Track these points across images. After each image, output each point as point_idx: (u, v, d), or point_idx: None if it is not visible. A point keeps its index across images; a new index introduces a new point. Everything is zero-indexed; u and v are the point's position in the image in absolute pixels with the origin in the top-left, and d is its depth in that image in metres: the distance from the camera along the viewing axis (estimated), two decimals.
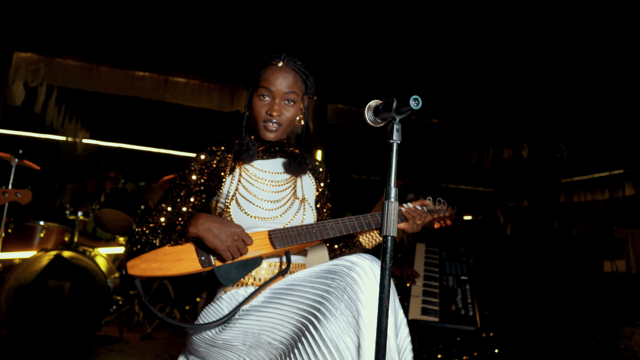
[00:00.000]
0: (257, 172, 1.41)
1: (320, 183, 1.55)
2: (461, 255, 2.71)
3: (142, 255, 1.27)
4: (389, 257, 0.84)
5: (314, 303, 1.04)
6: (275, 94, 1.35)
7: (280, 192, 1.40)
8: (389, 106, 0.91)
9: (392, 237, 0.86)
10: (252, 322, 1.15)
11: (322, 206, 1.55)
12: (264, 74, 1.36)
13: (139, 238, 1.30)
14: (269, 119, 1.35)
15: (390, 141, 0.90)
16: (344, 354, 0.96)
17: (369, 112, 0.98)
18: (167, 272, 1.24)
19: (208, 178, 1.39)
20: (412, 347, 1.11)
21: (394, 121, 0.91)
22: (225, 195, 1.38)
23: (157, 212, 1.36)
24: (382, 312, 0.84)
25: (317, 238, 1.33)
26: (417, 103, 0.87)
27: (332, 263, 1.12)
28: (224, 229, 1.23)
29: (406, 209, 1.49)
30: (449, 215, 1.63)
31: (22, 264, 2.93)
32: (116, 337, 3.29)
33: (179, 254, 1.27)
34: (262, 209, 1.35)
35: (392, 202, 0.86)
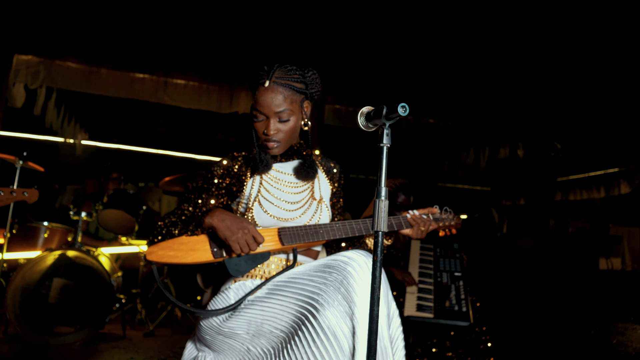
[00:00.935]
0: (278, 175, 1.50)
1: (335, 183, 1.63)
2: (455, 251, 2.79)
3: (160, 243, 1.36)
4: (380, 251, 0.93)
5: (312, 295, 1.13)
6: (267, 114, 1.39)
7: (300, 193, 1.49)
8: (379, 113, 0.99)
9: (383, 232, 0.94)
10: (256, 312, 1.24)
11: (333, 204, 1.63)
12: (255, 95, 1.41)
13: (160, 230, 1.40)
14: (267, 139, 1.41)
15: (380, 144, 0.98)
16: (340, 340, 1.05)
17: (362, 117, 1.06)
18: (181, 260, 1.33)
19: (230, 182, 1.48)
20: (403, 337, 1.20)
21: (384, 126, 1.00)
22: (247, 198, 1.46)
23: (180, 211, 1.46)
24: (373, 301, 0.92)
25: (324, 238, 1.42)
26: (405, 110, 0.95)
27: (330, 258, 1.21)
28: (237, 222, 1.31)
29: (412, 215, 1.56)
30: (454, 224, 1.69)
31: (28, 263, 3.00)
32: (119, 335, 3.37)
33: (194, 244, 1.36)
34: (283, 210, 1.44)
35: (383, 200, 0.95)
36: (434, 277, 2.56)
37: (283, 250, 1.42)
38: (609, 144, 7.30)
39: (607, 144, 7.30)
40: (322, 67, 5.16)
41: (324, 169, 1.62)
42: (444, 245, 2.84)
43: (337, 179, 1.64)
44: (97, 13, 4.65)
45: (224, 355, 1.29)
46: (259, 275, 1.41)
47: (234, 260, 1.35)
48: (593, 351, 3.97)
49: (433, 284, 2.51)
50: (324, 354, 1.04)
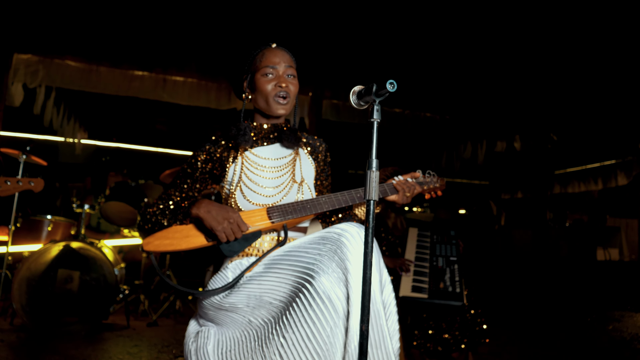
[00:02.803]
0: (258, 160, 1.54)
1: (320, 162, 1.68)
2: (451, 238, 2.85)
3: (155, 233, 1.43)
4: (371, 218, 0.99)
5: (308, 265, 1.19)
6: (278, 69, 1.51)
7: (280, 177, 1.54)
8: (369, 90, 1.06)
9: (375, 200, 1.00)
10: (255, 287, 1.30)
11: (322, 183, 1.68)
12: (263, 56, 1.52)
13: (150, 217, 1.46)
14: (279, 91, 1.50)
15: (371, 120, 1.05)
16: (335, 304, 1.11)
17: (353, 96, 1.13)
18: (178, 247, 1.39)
19: (212, 166, 1.54)
20: (396, 303, 1.26)
21: (374, 103, 1.06)
22: (229, 182, 1.52)
23: (166, 196, 1.52)
24: (366, 264, 0.99)
25: (312, 212, 1.47)
26: (393, 86, 1.01)
27: (324, 231, 1.27)
28: (222, 212, 1.38)
29: (397, 181, 1.62)
30: (439, 186, 1.73)
31: (33, 254, 3.07)
32: (123, 325, 3.43)
33: (188, 232, 1.43)
34: (263, 196, 1.49)
35: (374, 171, 1.01)
36: (430, 261, 2.63)
37: (274, 228, 1.48)
38: (605, 136, 7.34)
39: (604, 136, 7.34)
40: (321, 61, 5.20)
41: (307, 150, 1.66)
42: (441, 232, 2.91)
43: (323, 157, 1.69)
44: (95, 11, 4.68)
45: (226, 327, 1.35)
46: (254, 254, 1.48)
47: (226, 242, 1.41)
48: (589, 336, 4.05)
49: (429, 268, 2.58)
50: (319, 317, 1.10)
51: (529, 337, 3.87)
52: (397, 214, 3.06)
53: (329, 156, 1.72)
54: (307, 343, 1.11)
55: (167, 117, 7.68)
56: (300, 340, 1.12)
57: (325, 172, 1.70)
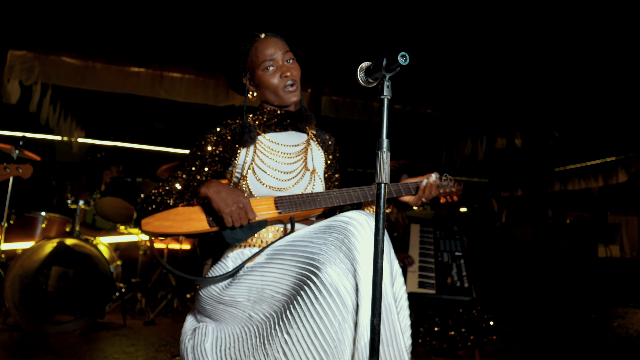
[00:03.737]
0: (271, 145, 1.49)
1: (329, 155, 1.63)
2: (455, 233, 2.78)
3: (155, 214, 1.35)
4: (382, 202, 0.91)
5: (313, 255, 1.11)
6: (277, 59, 1.45)
7: (293, 164, 1.48)
8: (379, 65, 0.98)
9: (385, 183, 0.92)
10: (256, 278, 1.22)
11: (330, 177, 1.62)
12: (256, 50, 1.46)
13: (155, 198, 1.39)
14: (286, 81, 1.45)
15: (381, 97, 0.97)
16: (343, 296, 1.03)
17: (361, 73, 1.05)
18: (178, 229, 1.32)
19: (223, 149, 1.47)
20: (407, 297, 1.18)
21: (384, 79, 0.98)
22: (240, 166, 1.46)
23: (173, 178, 1.45)
24: (377, 253, 0.91)
25: (321, 206, 1.40)
26: (405, 59, 0.94)
27: (330, 220, 1.19)
28: (232, 195, 1.31)
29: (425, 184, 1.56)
30: (455, 190, 1.67)
31: (26, 252, 2.98)
32: (120, 324, 3.35)
33: (190, 214, 1.35)
34: (277, 180, 1.43)
35: (384, 152, 0.93)
36: (435, 257, 2.56)
37: (280, 219, 1.40)
38: (605, 132, 7.29)
39: (604, 132, 7.30)
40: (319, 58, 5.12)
41: (317, 141, 1.61)
42: (444, 228, 2.84)
43: (332, 151, 1.64)
44: (90, 6, 4.61)
45: (225, 323, 1.27)
46: (257, 244, 1.40)
47: (230, 229, 1.34)
48: (595, 333, 3.98)
49: (434, 263, 2.50)
50: (327, 311, 1.02)
51: (534, 333, 3.80)
52: (399, 209, 2.99)
53: (338, 151, 1.67)
54: (314, 339, 1.03)
55: (164, 115, 7.60)
56: (306, 337, 1.03)
57: (334, 167, 1.65)
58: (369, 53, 5.35)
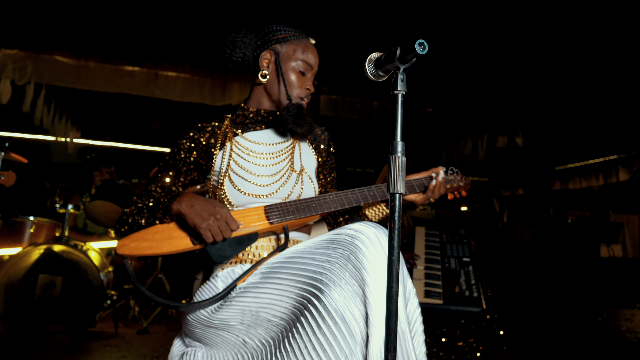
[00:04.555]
0: (250, 145, 1.34)
1: (322, 152, 1.48)
2: (462, 237, 2.66)
3: (131, 234, 1.20)
4: (397, 216, 0.78)
5: (315, 275, 0.98)
6: (313, 71, 1.37)
7: (276, 164, 1.33)
8: (391, 55, 0.85)
9: (400, 194, 0.79)
10: (250, 300, 1.08)
11: (325, 176, 1.48)
12: (304, 49, 1.35)
13: (126, 219, 1.25)
14: (307, 94, 1.35)
15: (395, 92, 0.84)
16: (350, 325, 0.90)
17: (370, 65, 0.91)
18: (157, 250, 1.18)
19: (198, 156, 1.33)
20: (422, 320, 1.05)
21: (398, 71, 0.85)
22: (217, 173, 1.31)
23: (146, 192, 1.32)
24: (392, 276, 0.77)
25: (317, 212, 1.26)
26: (423, 48, 0.80)
27: (333, 233, 1.05)
28: (207, 206, 1.16)
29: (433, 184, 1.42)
30: (463, 185, 1.55)
31: (12, 259, 2.84)
32: (111, 333, 3.21)
33: (170, 232, 1.21)
34: (257, 185, 1.28)
35: (400, 157, 0.80)
36: (442, 262, 2.43)
37: (273, 230, 1.26)
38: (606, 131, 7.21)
39: (605, 131, 7.21)
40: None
41: (308, 139, 1.47)
42: (450, 231, 2.71)
43: (326, 147, 1.49)
44: (83, 3, 4.48)
45: (217, 348, 1.13)
46: (249, 260, 1.26)
47: (217, 245, 1.19)
48: (604, 338, 3.86)
49: (441, 270, 2.37)
50: (331, 342, 0.88)
51: (542, 339, 3.68)
52: (404, 212, 2.86)
53: (332, 146, 1.50)
54: None
55: (161, 115, 7.48)
56: None
57: (329, 165, 1.48)
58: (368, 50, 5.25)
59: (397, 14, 4.37)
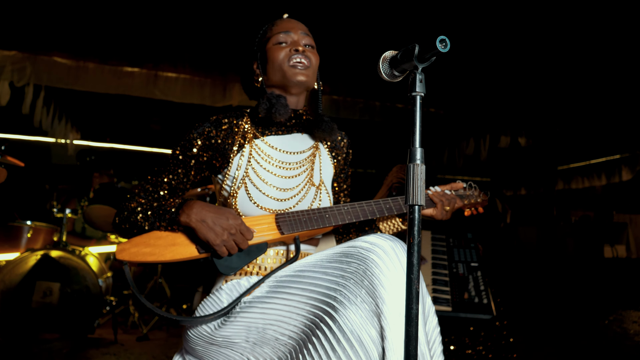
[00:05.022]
0: (270, 151, 1.24)
1: (340, 160, 1.39)
2: (469, 241, 2.59)
3: (133, 238, 1.14)
4: (416, 231, 0.71)
5: (328, 291, 0.91)
6: (293, 35, 1.24)
7: (295, 177, 1.24)
8: (409, 54, 0.78)
9: (420, 206, 0.72)
10: (256, 316, 1.01)
11: (339, 184, 1.40)
12: (274, 26, 1.26)
13: (128, 215, 1.16)
14: (294, 55, 1.21)
15: (413, 94, 0.77)
16: (368, 347, 0.83)
17: (384, 64, 0.84)
18: (160, 257, 1.11)
19: (212, 156, 1.23)
20: (441, 339, 0.98)
21: (416, 70, 0.78)
22: (232, 179, 1.22)
23: (151, 186, 1.22)
24: (411, 297, 0.71)
25: (331, 224, 1.18)
26: (445, 45, 0.73)
27: (346, 245, 0.98)
28: (220, 220, 1.08)
29: (433, 192, 1.33)
30: (481, 201, 1.46)
31: (8, 265, 2.78)
32: (110, 340, 3.14)
33: (174, 238, 1.13)
34: (273, 199, 1.20)
35: (419, 165, 0.73)
36: (449, 268, 2.36)
37: (283, 240, 1.19)
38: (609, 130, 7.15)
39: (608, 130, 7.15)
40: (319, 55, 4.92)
41: (327, 145, 1.37)
42: (457, 235, 2.64)
43: (344, 155, 1.40)
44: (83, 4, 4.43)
45: None
46: (255, 271, 1.18)
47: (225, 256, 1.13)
48: (613, 342, 3.79)
49: (448, 275, 2.30)
50: None
51: (550, 343, 3.61)
52: None
53: (350, 154, 1.41)
54: None
55: (161, 116, 7.42)
56: None
57: (345, 173, 1.40)
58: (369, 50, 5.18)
59: (397, 14, 4.31)
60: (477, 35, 4.60)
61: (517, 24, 4.35)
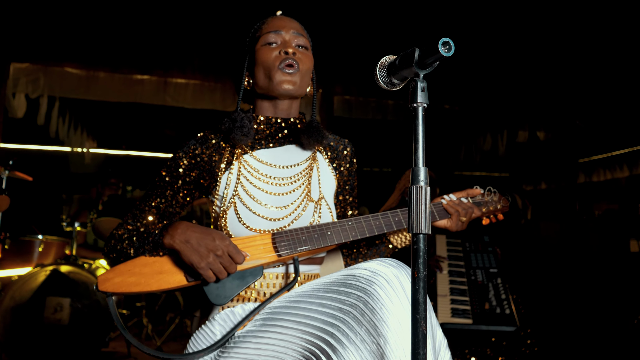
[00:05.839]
0: (261, 167, 1.15)
1: (343, 171, 1.27)
2: (486, 245, 2.47)
3: (116, 267, 1.06)
4: (422, 263, 0.62)
5: (325, 326, 0.82)
6: (284, 35, 1.15)
7: (291, 192, 1.15)
8: (408, 59, 0.68)
9: (426, 234, 0.63)
10: (250, 352, 0.93)
11: (345, 198, 1.29)
12: (265, 24, 1.17)
13: (115, 244, 1.10)
14: (284, 58, 1.12)
15: (414, 105, 0.67)
16: None
17: (382, 71, 0.75)
18: (145, 287, 1.03)
19: (199, 174, 1.16)
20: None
21: (417, 78, 0.68)
22: (221, 198, 1.14)
23: (139, 211, 1.16)
24: (417, 340, 0.61)
25: (333, 242, 1.09)
26: (449, 48, 0.64)
27: (345, 272, 0.89)
28: (205, 240, 0.99)
29: (447, 201, 1.21)
30: (501, 207, 1.33)
31: (18, 281, 2.76)
32: (124, 353, 3.12)
33: (161, 265, 1.05)
34: (266, 219, 1.11)
35: (423, 187, 0.63)
36: (467, 275, 2.25)
37: (281, 262, 1.10)
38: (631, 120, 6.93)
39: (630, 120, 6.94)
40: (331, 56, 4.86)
41: (327, 154, 1.26)
42: (473, 239, 2.52)
43: (348, 166, 1.28)
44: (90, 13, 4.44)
45: None
46: (252, 297, 1.10)
47: (215, 283, 1.04)
48: None
49: (467, 284, 2.19)
50: None
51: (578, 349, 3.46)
52: None
53: (355, 163, 1.29)
54: None
55: (175, 122, 7.45)
56: None
57: (351, 184, 1.28)
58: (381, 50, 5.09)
59: (410, 11, 4.21)
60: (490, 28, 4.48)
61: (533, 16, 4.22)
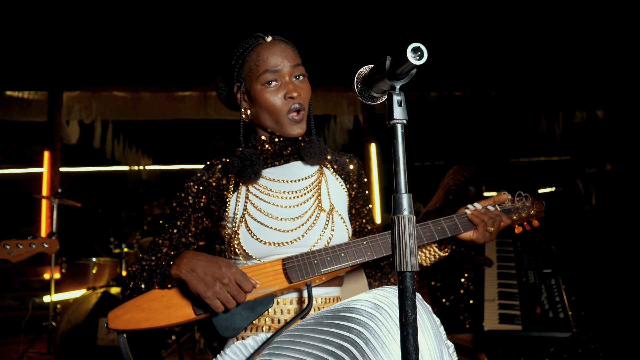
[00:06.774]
0: (269, 184, 1.13)
1: (353, 184, 1.23)
2: (540, 243, 2.29)
3: (125, 303, 1.04)
4: (409, 306, 0.53)
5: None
6: (282, 72, 1.09)
7: (301, 204, 1.12)
8: (380, 69, 0.60)
9: (413, 272, 0.54)
10: None
11: (358, 212, 1.23)
12: (257, 56, 1.10)
13: (128, 282, 1.09)
14: (291, 104, 1.09)
15: (391, 122, 0.59)
16: None
17: (359, 84, 0.66)
18: (155, 323, 1.01)
19: (208, 200, 1.14)
20: None
21: (392, 91, 0.60)
22: (232, 219, 1.12)
23: (154, 245, 1.15)
24: None
25: (347, 263, 1.03)
26: (420, 55, 0.55)
27: (346, 304, 0.82)
28: (210, 269, 0.96)
29: (472, 211, 1.12)
30: (534, 213, 1.21)
31: (73, 304, 2.87)
32: None
33: (170, 299, 1.03)
34: (279, 231, 1.07)
35: (405, 216, 0.55)
36: (518, 277, 2.09)
37: (294, 288, 1.05)
38: None
39: None
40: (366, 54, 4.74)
41: (334, 168, 1.22)
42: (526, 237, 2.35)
43: (356, 178, 1.23)
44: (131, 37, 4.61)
45: None
46: (265, 326, 1.05)
47: (225, 314, 0.99)
48: None
49: (517, 286, 2.04)
50: None
51: None
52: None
53: (363, 175, 1.25)
54: None
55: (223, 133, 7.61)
56: None
57: (362, 197, 1.23)
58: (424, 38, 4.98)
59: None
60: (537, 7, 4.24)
61: None
